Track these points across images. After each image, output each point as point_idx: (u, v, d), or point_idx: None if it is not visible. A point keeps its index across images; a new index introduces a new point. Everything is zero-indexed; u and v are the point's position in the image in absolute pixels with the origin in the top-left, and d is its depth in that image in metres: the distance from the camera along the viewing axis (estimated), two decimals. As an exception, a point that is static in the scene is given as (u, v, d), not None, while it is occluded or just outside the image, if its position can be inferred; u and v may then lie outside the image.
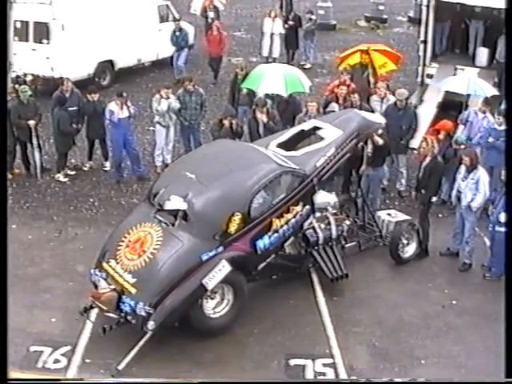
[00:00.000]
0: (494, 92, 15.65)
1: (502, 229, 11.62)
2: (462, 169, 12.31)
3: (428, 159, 12.59)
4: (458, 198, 12.37)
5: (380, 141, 12.94)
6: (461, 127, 14.97)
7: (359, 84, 16.56)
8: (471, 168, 12.10)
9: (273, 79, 15.48)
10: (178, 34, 21.91)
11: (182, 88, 15.78)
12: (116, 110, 15.01)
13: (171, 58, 22.31)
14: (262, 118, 14.16)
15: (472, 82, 15.82)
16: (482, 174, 12.11)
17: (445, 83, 16.63)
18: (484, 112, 14.51)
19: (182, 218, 10.34)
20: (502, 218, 11.59)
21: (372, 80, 16.80)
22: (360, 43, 18.83)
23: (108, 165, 16.11)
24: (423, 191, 12.71)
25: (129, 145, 15.33)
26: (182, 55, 21.98)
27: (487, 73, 17.77)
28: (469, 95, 15.96)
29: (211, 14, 25.54)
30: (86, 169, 16.05)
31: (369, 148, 13.13)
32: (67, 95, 15.56)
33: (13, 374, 9.03)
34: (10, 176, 15.07)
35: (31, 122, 15.12)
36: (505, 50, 15.88)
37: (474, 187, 12.03)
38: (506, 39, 14.59)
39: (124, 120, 15.15)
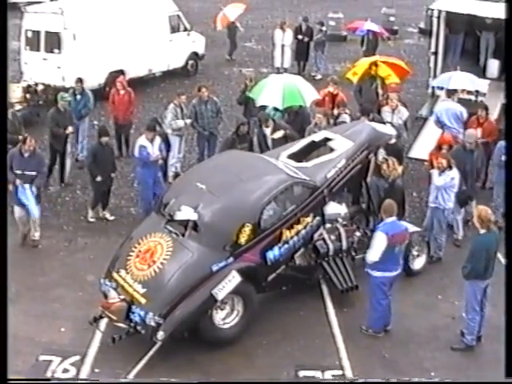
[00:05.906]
0: (464, 86, 15.97)
1: (376, 273, 10.61)
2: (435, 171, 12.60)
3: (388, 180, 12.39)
4: None
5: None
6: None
7: (367, 95, 16.57)
8: (446, 168, 12.36)
9: (272, 91, 15.22)
10: (78, 97, 16.32)
11: (197, 97, 15.75)
12: (148, 145, 13.72)
13: (76, 132, 16.15)
14: (267, 130, 14.26)
15: (450, 76, 16.25)
16: (454, 173, 12.40)
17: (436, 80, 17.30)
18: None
19: (192, 229, 10.35)
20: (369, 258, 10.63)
21: (380, 91, 16.77)
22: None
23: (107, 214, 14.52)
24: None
25: (158, 184, 13.94)
26: (85, 127, 16.63)
27: (498, 84, 17.70)
28: None
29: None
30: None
31: (380, 157, 13.09)
32: (26, 155, 12.80)
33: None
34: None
35: (70, 129, 15.10)
36: (506, 63, 15.81)
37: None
38: (505, 51, 14.38)
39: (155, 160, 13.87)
